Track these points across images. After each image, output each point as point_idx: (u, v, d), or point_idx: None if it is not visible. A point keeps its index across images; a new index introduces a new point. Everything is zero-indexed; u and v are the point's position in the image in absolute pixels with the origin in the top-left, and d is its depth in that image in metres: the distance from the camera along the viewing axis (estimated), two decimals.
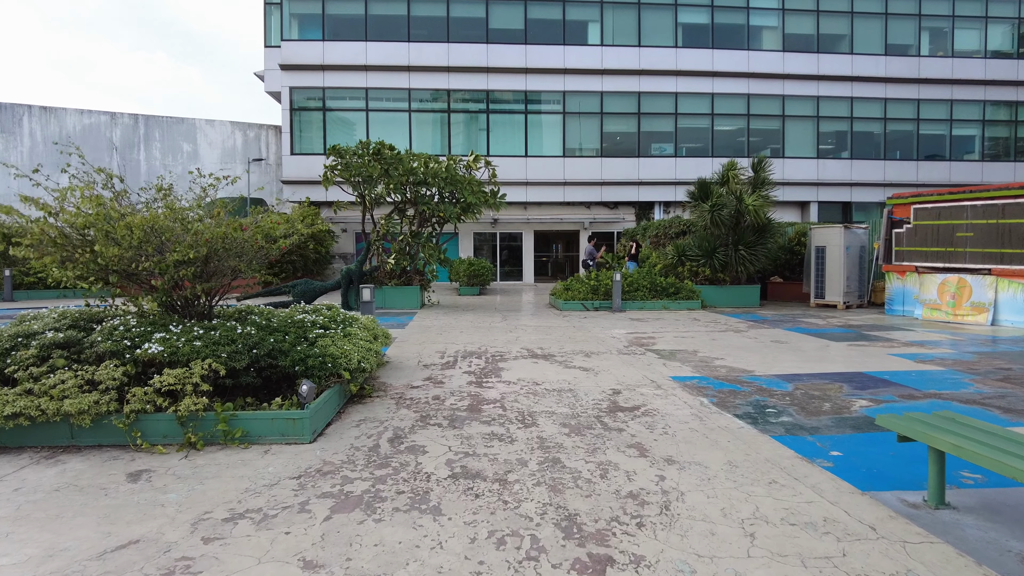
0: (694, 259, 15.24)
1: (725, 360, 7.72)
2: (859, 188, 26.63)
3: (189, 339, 4.61)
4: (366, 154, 13.89)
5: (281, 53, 24.55)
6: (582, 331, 10.49)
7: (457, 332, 10.41)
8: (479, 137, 25.13)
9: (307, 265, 20.72)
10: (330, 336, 5.49)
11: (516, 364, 7.40)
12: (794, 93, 26.05)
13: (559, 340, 9.43)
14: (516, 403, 5.46)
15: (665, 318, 12.53)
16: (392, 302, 14.51)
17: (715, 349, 8.58)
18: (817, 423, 4.92)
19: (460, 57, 24.54)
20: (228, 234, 4.92)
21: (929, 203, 12.43)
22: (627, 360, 7.65)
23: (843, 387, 6.21)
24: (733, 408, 5.36)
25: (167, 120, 31.50)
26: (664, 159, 25.76)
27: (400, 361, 7.59)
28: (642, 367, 7.20)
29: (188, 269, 4.88)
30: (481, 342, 9.22)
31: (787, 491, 3.50)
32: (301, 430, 4.35)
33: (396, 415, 5.08)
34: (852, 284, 14.77)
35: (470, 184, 14.19)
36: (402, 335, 10.02)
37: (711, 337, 9.78)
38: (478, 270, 19.52)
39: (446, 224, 15.49)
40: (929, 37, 26.78)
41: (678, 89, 25.48)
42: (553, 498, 3.38)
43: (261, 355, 4.83)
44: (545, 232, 27.25)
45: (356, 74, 24.69)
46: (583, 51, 24.95)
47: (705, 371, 7.01)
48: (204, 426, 4.29)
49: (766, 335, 10.06)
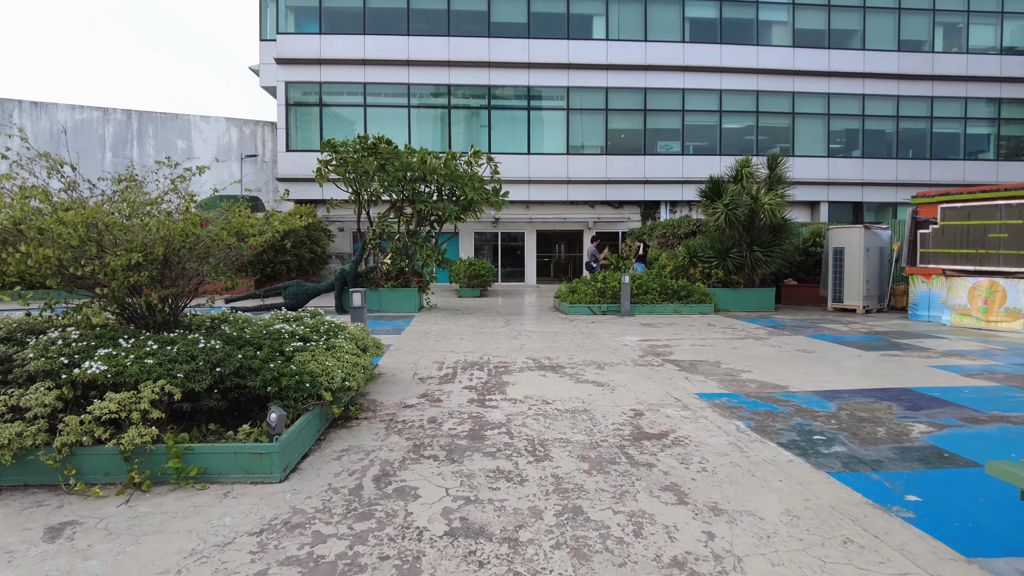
0: (706, 260, 14.52)
1: (753, 373, 7.01)
2: (870, 188, 25.90)
3: (140, 356, 3.89)
4: (361, 149, 13.17)
5: (276, 47, 23.82)
6: (591, 338, 9.77)
7: (457, 339, 9.69)
8: (480, 134, 24.41)
9: (302, 266, 20.00)
10: (310, 350, 4.77)
11: (522, 377, 6.68)
12: (804, 90, 25.31)
13: (567, 348, 8.71)
14: (524, 428, 4.74)
15: (678, 323, 11.81)
16: (389, 305, 13.78)
17: (739, 360, 7.86)
18: (877, 454, 4.21)
19: (461, 51, 23.81)
20: (187, 231, 4.19)
21: (958, 202, 11.71)
22: (645, 373, 6.93)
23: (892, 407, 5.49)
24: (775, 434, 4.65)
25: (161, 116, 30.79)
26: (671, 157, 25.03)
27: (393, 373, 6.87)
28: (662, 382, 6.48)
29: (142, 273, 4.16)
30: (483, 350, 8.51)
31: (870, 556, 2.78)
32: (269, 467, 3.63)
33: (385, 443, 4.36)
34: (872, 288, 14.05)
35: (471, 180, 13.47)
36: (397, 342, 9.30)
37: (731, 345, 9.06)
38: (479, 271, 18.80)
39: (445, 223, 14.77)
40: (943, 33, 26.05)
41: (685, 85, 24.76)
42: (578, 568, 2.66)
43: (227, 374, 4.12)
44: (548, 232, 26.52)
45: (354, 68, 23.97)
46: (588, 46, 24.22)
47: (733, 387, 6.29)
48: (153, 462, 3.57)
49: (790, 343, 9.33)
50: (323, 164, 13.99)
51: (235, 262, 4.95)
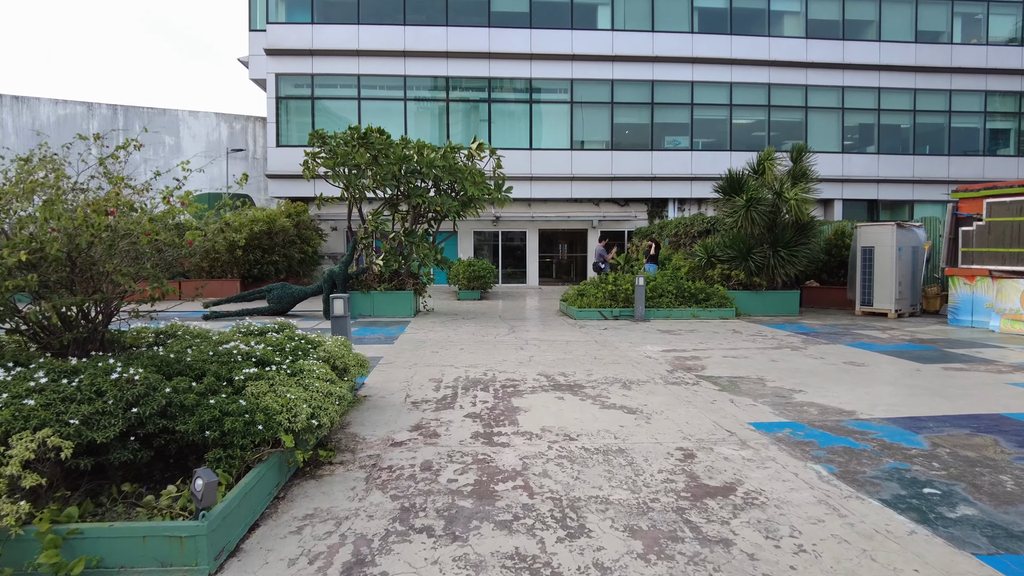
0: (726, 261, 13.44)
1: (806, 393, 5.93)
2: (886, 185, 24.86)
3: (16, 395, 2.80)
4: (352, 139, 12.08)
5: (267, 37, 22.72)
6: (607, 348, 8.69)
7: (456, 349, 8.61)
8: (480, 128, 23.30)
9: (292, 267, 18.89)
10: (269, 377, 3.69)
11: (535, 400, 5.60)
12: (818, 83, 24.28)
13: (583, 361, 7.63)
14: (547, 479, 3.65)
15: (699, 330, 10.74)
16: (382, 309, 12.69)
17: (783, 375, 6.78)
18: (1022, 519, 3.14)
19: (460, 42, 22.72)
20: (97, 222, 3.10)
21: (1008, 196, 10.65)
22: (680, 394, 5.85)
23: (999, 443, 4.42)
24: (870, 486, 3.57)
25: (148, 111, 29.65)
26: (679, 153, 23.96)
27: (381, 396, 5.79)
28: (704, 406, 5.40)
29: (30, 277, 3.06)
30: (487, 364, 7.42)
31: None
32: (193, 555, 2.55)
33: (364, 505, 3.28)
34: (904, 290, 12.98)
35: (471, 174, 12.37)
36: (389, 354, 8.21)
37: (768, 357, 7.98)
38: (478, 272, 17.72)
39: (444, 221, 13.68)
40: (962, 23, 25.02)
41: (694, 78, 23.70)
42: None
43: (148, 415, 3.03)
44: (550, 231, 25.43)
45: (347, 60, 22.87)
46: (592, 36, 23.14)
47: (790, 412, 5.21)
48: (20, 553, 2.48)
49: (832, 354, 8.26)
50: (311, 157, 12.90)
51: (172, 262, 3.85)
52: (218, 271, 17.39)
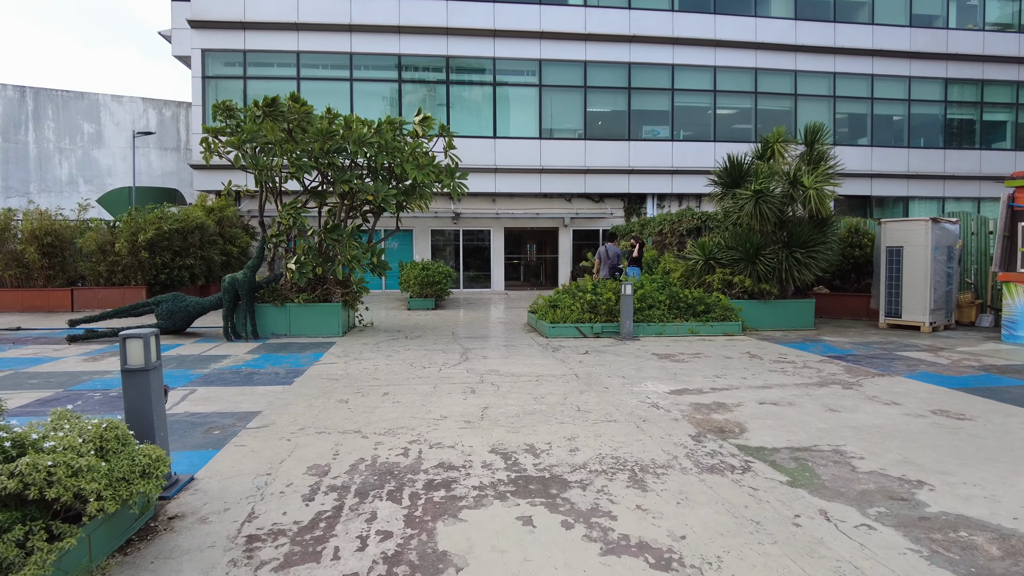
0: (728, 264, 11.11)
1: (935, 488, 3.53)
2: (880, 180, 23.05)
3: None
4: (261, 109, 9.38)
5: (191, 7, 19.72)
6: (594, 388, 6.21)
7: (378, 394, 6.02)
8: (438, 113, 20.68)
9: (212, 270, 15.96)
10: None
11: (482, 527, 3.06)
12: (807, 68, 22.33)
13: (562, 415, 5.12)
14: None
15: (705, 353, 8.36)
16: (300, 327, 9.99)
17: (864, 442, 4.38)
18: None
19: (414, 15, 20.08)
20: None
21: None
22: (730, 497, 3.37)
23: None
24: None
25: (63, 95, 26.27)
26: (659, 143, 21.72)
27: (206, 514, 3.17)
28: (786, 532, 2.92)
29: None
30: (415, 427, 4.86)
31: None
32: None
33: None
34: (939, 299, 10.84)
35: (412, 154, 9.77)
36: (275, 405, 5.57)
37: (821, 403, 5.59)
38: (432, 277, 15.10)
39: (384, 215, 11.05)
40: (957, 7, 23.35)
41: (675, 60, 21.49)
42: None
43: None
44: (518, 230, 22.94)
45: (285, 34, 20.03)
46: (563, 12, 20.74)
47: (938, 546, 2.78)
48: None
49: (900, 394, 5.93)
50: (212, 134, 10.16)
51: None
52: (119, 276, 14.43)
